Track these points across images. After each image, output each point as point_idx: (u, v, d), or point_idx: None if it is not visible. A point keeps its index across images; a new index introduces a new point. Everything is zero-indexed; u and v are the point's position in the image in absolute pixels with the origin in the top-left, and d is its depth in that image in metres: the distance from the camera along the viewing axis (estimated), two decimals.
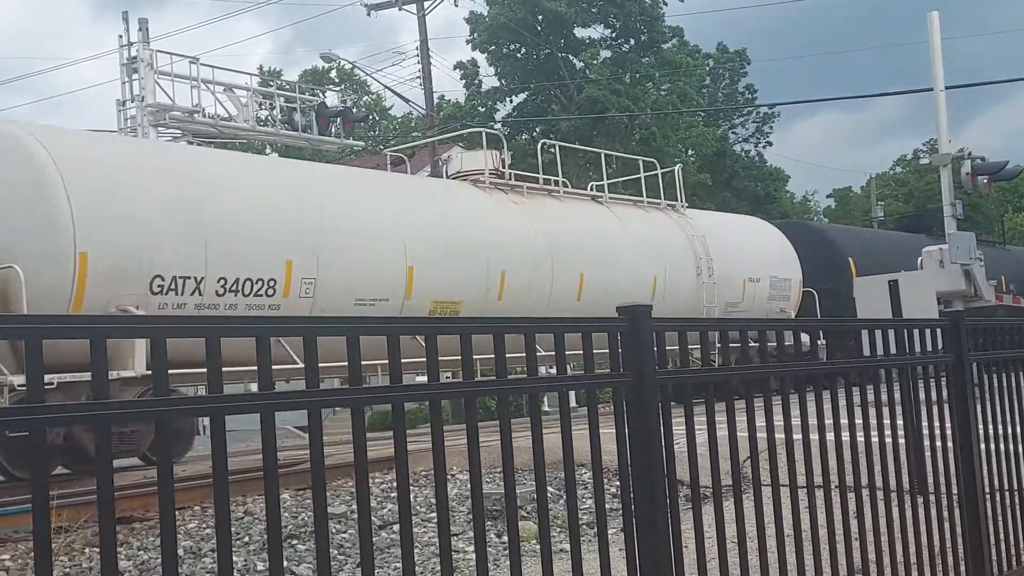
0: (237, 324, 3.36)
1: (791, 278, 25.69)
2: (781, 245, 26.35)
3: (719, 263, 23.01)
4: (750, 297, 24.12)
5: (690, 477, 4.26)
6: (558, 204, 21.25)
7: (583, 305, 19.23)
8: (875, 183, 72.10)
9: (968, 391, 5.92)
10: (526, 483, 7.54)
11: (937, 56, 22.69)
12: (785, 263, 25.84)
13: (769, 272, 24.83)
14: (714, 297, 22.55)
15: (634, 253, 21.15)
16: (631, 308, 3.84)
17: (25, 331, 2.43)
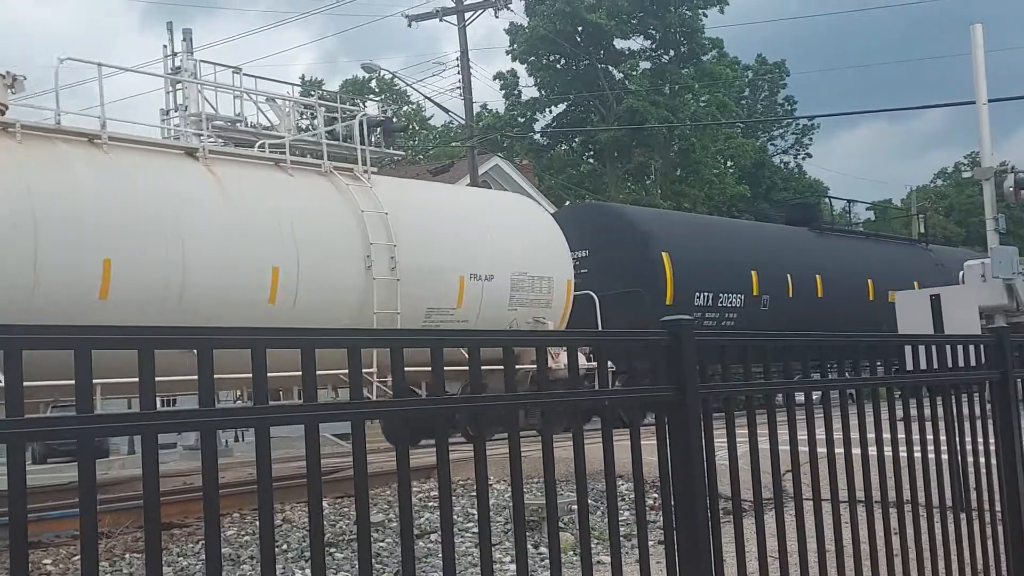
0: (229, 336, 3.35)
1: (553, 276, 18.98)
2: (544, 234, 19.67)
3: (415, 252, 16.61)
4: (474, 301, 17.59)
5: (731, 491, 4.24)
6: (101, 157, 13.69)
7: (107, 305, 12.54)
8: (915, 196, 71.54)
9: (1013, 408, 5.86)
10: (563, 494, 7.54)
11: (980, 69, 22.48)
12: (547, 257, 19.22)
13: (513, 268, 18.24)
14: (396, 299, 16.07)
15: (238, 233, 14.51)
16: (673, 321, 3.84)
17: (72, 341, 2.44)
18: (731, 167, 54.00)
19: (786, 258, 26.26)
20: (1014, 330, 10.95)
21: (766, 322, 23.26)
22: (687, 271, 22.57)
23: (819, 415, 4.76)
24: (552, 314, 18.96)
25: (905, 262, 30.44)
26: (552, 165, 49.82)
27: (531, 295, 18.62)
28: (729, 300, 23.75)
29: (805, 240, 28.22)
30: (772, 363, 4.55)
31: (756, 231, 29.23)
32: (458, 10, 36.40)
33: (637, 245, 22.39)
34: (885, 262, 29.56)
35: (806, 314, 24.23)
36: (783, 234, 28.75)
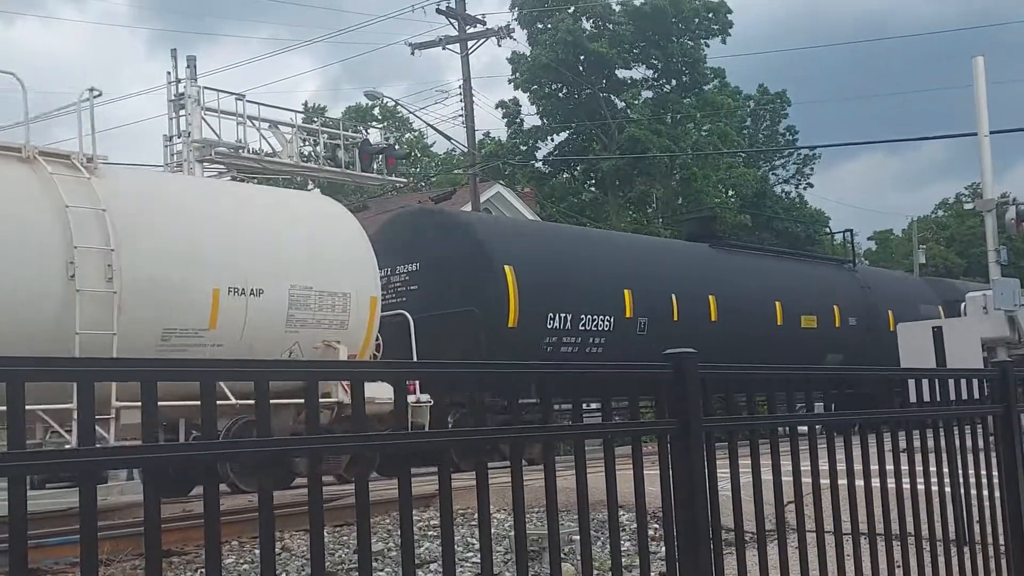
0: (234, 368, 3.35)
1: (351, 292, 15.68)
2: (343, 242, 16.36)
3: (148, 260, 13.66)
4: (234, 320, 14.39)
5: (734, 522, 4.23)
6: None
7: None
8: (916, 226, 71.65)
9: (1016, 442, 5.84)
10: (563, 523, 7.50)
11: (982, 101, 22.57)
12: (344, 269, 15.93)
13: (292, 281, 14.96)
14: (112, 317, 13.02)
15: None
16: (676, 354, 3.83)
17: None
18: (732, 196, 54.05)
19: (672, 276, 22.88)
20: (1016, 362, 10.92)
21: (640, 349, 20.18)
22: (538, 289, 19.24)
23: (821, 445, 4.75)
24: (349, 338, 15.47)
25: (824, 283, 27.65)
26: (554, 193, 49.90)
27: (319, 314, 15.23)
28: (595, 323, 20.33)
29: (700, 257, 24.75)
30: (763, 394, 4.54)
31: (634, 245, 25.59)
32: (461, 39, 36.56)
33: (474, 257, 18.89)
34: (800, 283, 26.52)
35: (694, 340, 21.66)
36: (672, 249, 25.60)
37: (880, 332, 26.71)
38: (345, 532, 10.35)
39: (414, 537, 3.19)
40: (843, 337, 26.33)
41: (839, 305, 26.65)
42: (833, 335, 26.04)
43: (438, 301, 18.34)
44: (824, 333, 25.73)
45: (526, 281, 19.07)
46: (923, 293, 30.98)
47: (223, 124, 24.95)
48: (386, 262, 18.45)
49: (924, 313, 27.71)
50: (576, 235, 24.77)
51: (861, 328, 27.07)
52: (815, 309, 25.63)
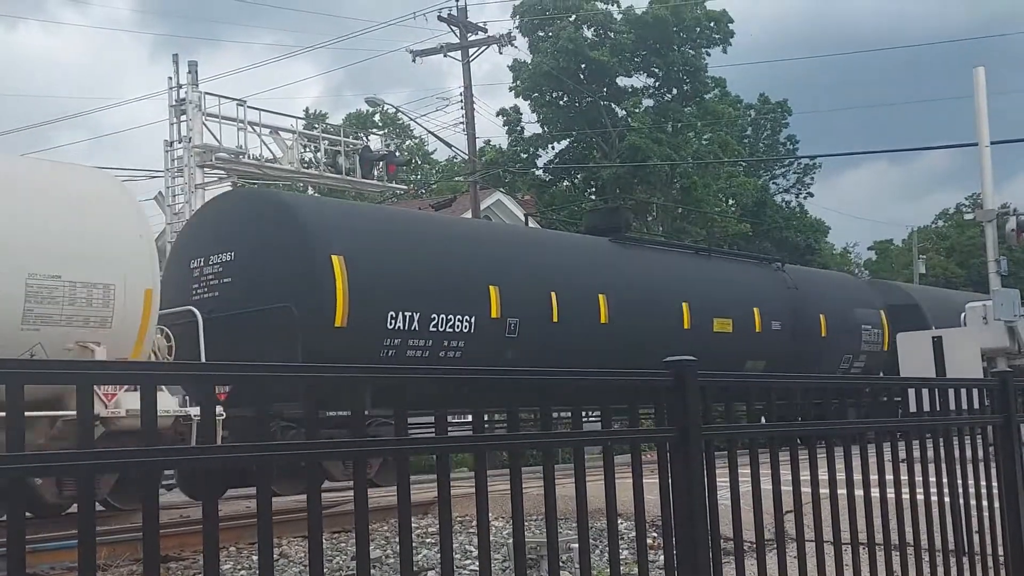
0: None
1: (116, 284, 13.05)
2: (110, 222, 13.43)
3: None
4: None
5: (733, 531, 4.22)
6: None
7: None
8: (917, 236, 71.69)
9: (1016, 452, 5.83)
10: (562, 531, 7.50)
11: (982, 111, 22.58)
12: (108, 255, 13.14)
13: (29, 269, 12.31)
14: None
15: None
16: (677, 362, 3.83)
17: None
18: (733, 205, 54.07)
19: (554, 272, 19.73)
20: (1016, 373, 10.91)
21: (510, 353, 17.98)
22: (375, 283, 16.45)
23: (820, 455, 4.75)
24: (114, 338, 12.79)
25: (744, 284, 24.61)
26: (554, 201, 49.90)
27: (69, 309, 12.68)
28: (451, 324, 17.42)
29: (594, 251, 21.50)
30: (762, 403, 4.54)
31: (506, 236, 22.24)
32: (462, 46, 36.62)
33: (294, 244, 16.08)
34: (715, 283, 23.52)
35: (577, 345, 19.01)
36: (558, 243, 22.15)
37: (809, 337, 24.81)
38: (343, 539, 10.35)
39: (412, 544, 3.18)
40: (765, 342, 23.67)
41: (761, 307, 23.77)
42: (753, 340, 23.30)
43: (253, 296, 15.69)
44: (741, 338, 22.86)
45: (360, 274, 16.20)
46: (861, 296, 28.43)
47: (224, 130, 25.00)
48: (199, 251, 16.68)
49: (860, 318, 26.65)
50: (430, 223, 20.99)
51: (787, 333, 24.31)
52: (731, 312, 22.89)
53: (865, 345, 26.62)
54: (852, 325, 26.41)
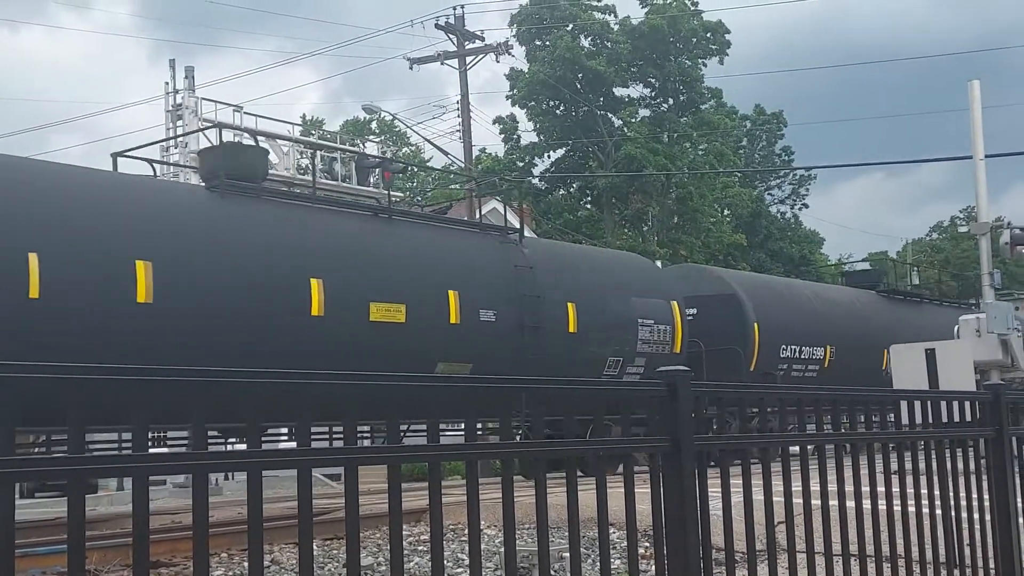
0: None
1: None
2: None
3: None
4: None
5: (725, 543, 4.22)
6: None
7: None
8: (911, 249, 71.82)
9: (1008, 465, 5.84)
10: (553, 540, 7.49)
11: (977, 125, 22.65)
12: None
13: None
14: None
15: None
16: (670, 372, 3.83)
17: None
18: (728, 216, 54.18)
19: (86, 234, 13.11)
20: (1009, 386, 10.89)
21: None
22: None
23: (812, 466, 4.75)
24: None
25: (441, 258, 18.13)
26: (550, 210, 49.96)
27: None
28: None
29: (182, 207, 14.85)
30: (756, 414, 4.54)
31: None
32: (459, 54, 36.66)
33: None
34: (385, 254, 17.02)
35: (107, 330, 12.84)
36: (116, 197, 14.07)
37: (548, 333, 18.25)
38: (335, 546, 10.33)
39: (403, 552, 3.18)
40: (468, 338, 17.14)
41: (462, 290, 17.13)
42: (444, 335, 16.77)
43: None
44: (422, 331, 16.34)
45: None
46: (645, 283, 21.31)
47: (221, 136, 24.98)
48: None
49: (639, 310, 20.15)
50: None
51: (508, 326, 17.78)
52: (404, 294, 16.35)
53: (644, 345, 19.94)
54: (624, 319, 19.76)
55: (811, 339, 24.80)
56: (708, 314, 22.53)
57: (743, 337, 22.70)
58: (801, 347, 24.46)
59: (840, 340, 25.46)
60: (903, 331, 25.66)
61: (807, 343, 24.72)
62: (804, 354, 24.54)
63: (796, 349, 24.33)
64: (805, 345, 24.67)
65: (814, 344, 24.96)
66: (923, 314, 29.58)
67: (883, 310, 28.63)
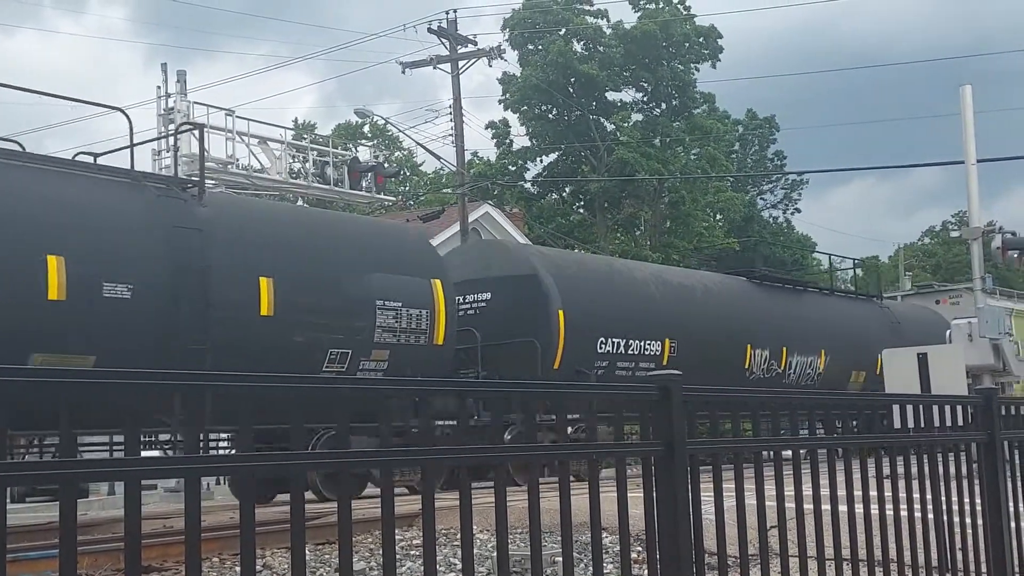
0: None
1: None
2: None
3: None
4: None
5: (717, 546, 4.22)
6: None
7: None
8: (903, 253, 71.97)
9: (1000, 469, 5.85)
10: (546, 545, 7.48)
11: (969, 129, 22.70)
12: None
13: None
14: None
15: None
16: (663, 376, 3.83)
17: None
18: (720, 220, 54.21)
19: None
20: (1000, 390, 10.95)
21: None
22: None
23: (805, 470, 4.75)
24: None
25: (34, 216, 12.98)
26: (542, 214, 49.97)
27: None
28: None
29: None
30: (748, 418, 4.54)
31: None
32: (452, 58, 36.65)
33: None
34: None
35: None
36: None
37: (226, 316, 14.12)
38: (327, 551, 10.31)
39: (396, 556, 3.17)
40: (83, 321, 12.74)
41: (73, 257, 12.70)
42: (40, 315, 12.50)
43: None
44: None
45: None
46: (389, 254, 16.82)
47: (213, 139, 24.97)
48: None
49: (377, 289, 15.93)
50: None
51: (155, 306, 13.45)
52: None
53: (387, 335, 15.91)
54: (354, 301, 15.68)
55: (643, 331, 19.89)
56: (503, 299, 18.46)
57: (542, 327, 18.08)
58: (628, 341, 19.48)
59: (685, 333, 20.64)
60: (778, 324, 23.26)
61: (637, 336, 19.68)
62: (633, 349, 19.57)
63: (620, 343, 19.36)
64: (634, 338, 19.58)
65: (647, 337, 19.88)
66: (806, 305, 25.52)
67: (753, 299, 23.73)
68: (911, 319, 28.79)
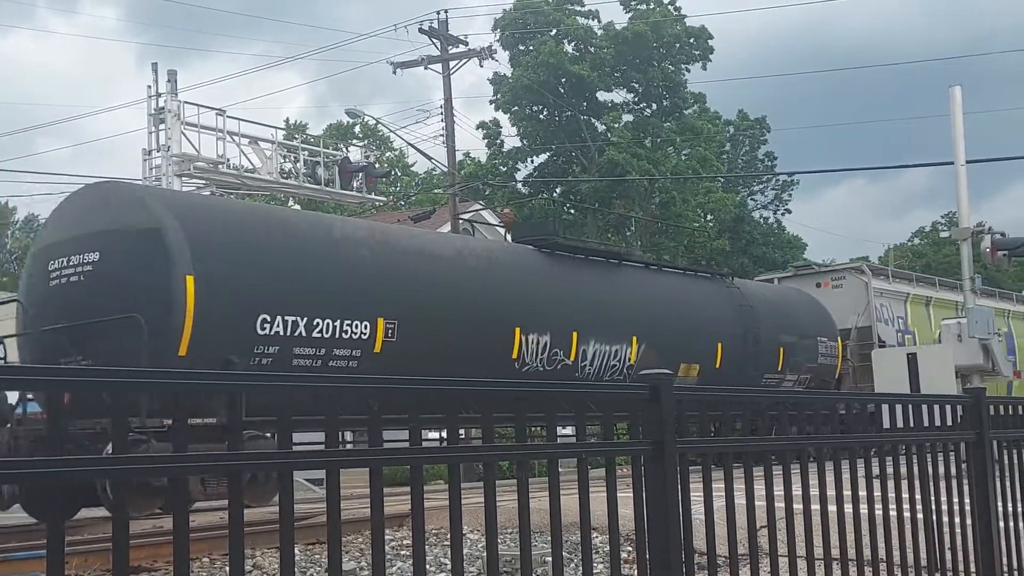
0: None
1: None
2: None
3: None
4: None
5: (707, 546, 4.22)
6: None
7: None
8: (893, 254, 72.09)
9: (988, 468, 5.86)
10: (536, 544, 7.49)
11: (959, 130, 22.76)
12: None
13: None
14: None
15: None
16: (652, 375, 3.83)
17: None
18: (711, 221, 54.27)
19: None
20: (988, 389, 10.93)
21: None
22: None
23: (794, 471, 4.76)
24: None
25: None
26: (533, 214, 49.99)
27: None
28: None
29: None
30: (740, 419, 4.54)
31: None
32: (443, 58, 36.64)
33: None
34: None
35: None
36: None
37: None
38: (317, 550, 10.30)
39: (385, 556, 3.17)
40: None
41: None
42: None
43: None
44: None
45: None
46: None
47: (203, 139, 24.93)
48: None
49: None
50: None
51: None
52: None
53: None
54: None
55: (341, 308, 14.79)
56: (113, 261, 13.55)
57: (158, 299, 13.08)
58: (314, 320, 14.33)
59: (413, 311, 15.53)
60: (569, 304, 18.44)
61: (331, 314, 14.62)
62: (322, 331, 14.46)
63: (299, 323, 14.16)
64: (326, 317, 14.52)
65: (349, 316, 14.86)
66: (618, 281, 20.24)
67: (536, 272, 18.64)
68: (769, 302, 24.01)
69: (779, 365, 22.93)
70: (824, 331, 24.79)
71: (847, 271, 28.31)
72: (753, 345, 22.01)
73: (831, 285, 27.61)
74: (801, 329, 23.97)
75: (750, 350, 21.96)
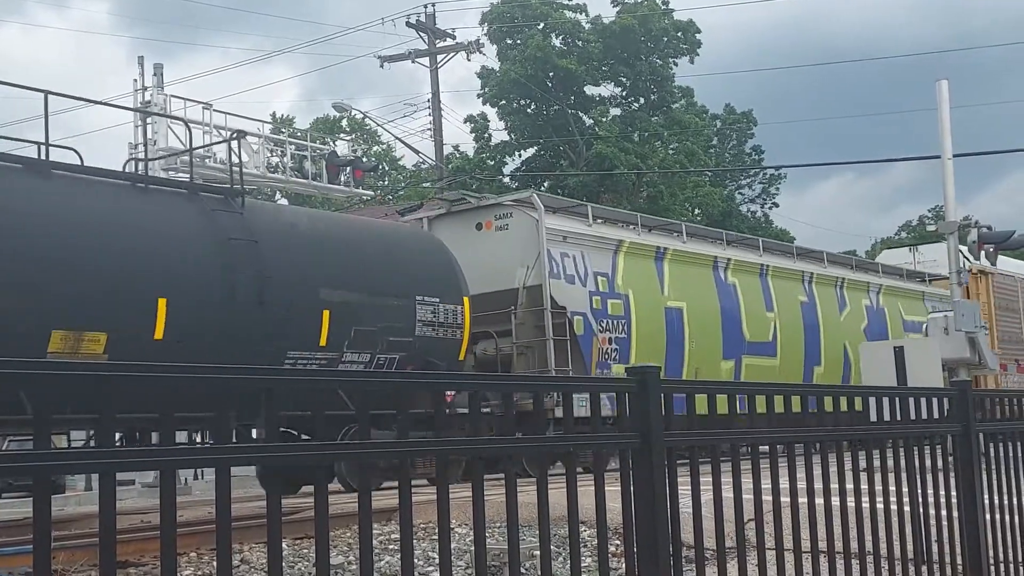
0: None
1: None
2: None
3: None
4: None
5: (695, 539, 4.23)
6: None
7: None
8: (880, 248, 72.21)
9: (974, 461, 5.88)
10: (524, 538, 7.49)
11: (945, 124, 22.79)
12: None
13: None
14: None
15: None
16: (640, 368, 3.83)
17: None
18: (699, 215, 54.30)
19: None
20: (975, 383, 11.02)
21: None
22: None
23: (782, 464, 4.77)
24: None
25: None
26: None
27: None
28: None
29: None
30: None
31: None
32: (430, 52, 36.63)
33: None
34: None
35: None
36: None
37: None
38: (305, 545, 10.28)
39: (374, 550, 3.17)
40: None
41: None
42: None
43: None
44: None
45: None
46: None
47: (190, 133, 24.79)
48: None
49: None
50: None
51: None
52: None
53: None
54: None
55: None
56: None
57: None
58: None
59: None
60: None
61: None
62: None
63: None
64: None
65: None
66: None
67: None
68: (302, 237, 15.26)
69: (322, 338, 14.61)
70: (433, 289, 16.41)
71: (515, 208, 20.22)
72: (257, 304, 13.87)
73: (494, 227, 19.95)
74: (377, 284, 15.66)
75: (248, 312, 13.80)
